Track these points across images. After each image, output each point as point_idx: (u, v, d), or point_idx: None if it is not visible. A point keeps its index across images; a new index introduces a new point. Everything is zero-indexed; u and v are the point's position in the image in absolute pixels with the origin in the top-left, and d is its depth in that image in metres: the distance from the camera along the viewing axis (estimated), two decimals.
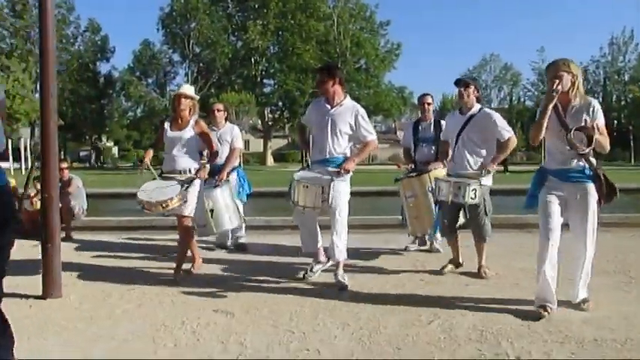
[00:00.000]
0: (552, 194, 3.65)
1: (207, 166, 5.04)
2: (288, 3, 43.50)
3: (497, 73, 61.60)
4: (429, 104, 5.92)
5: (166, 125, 4.97)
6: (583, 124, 3.49)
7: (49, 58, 4.34)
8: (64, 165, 7.63)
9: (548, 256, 3.56)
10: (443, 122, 5.58)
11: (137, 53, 49.45)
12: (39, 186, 6.74)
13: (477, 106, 4.77)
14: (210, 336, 3.33)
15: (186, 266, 4.94)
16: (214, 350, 3.11)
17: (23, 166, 29.77)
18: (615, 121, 50.79)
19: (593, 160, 3.60)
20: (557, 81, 3.48)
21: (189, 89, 5.03)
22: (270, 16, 44.16)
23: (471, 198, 4.42)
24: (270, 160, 48.90)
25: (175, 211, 4.64)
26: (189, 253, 4.99)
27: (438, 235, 5.63)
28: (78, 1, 51.65)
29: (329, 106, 4.61)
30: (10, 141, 33.66)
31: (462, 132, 4.73)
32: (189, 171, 4.78)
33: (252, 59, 46.23)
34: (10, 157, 29.81)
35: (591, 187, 3.57)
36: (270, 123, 49.86)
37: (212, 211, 5.03)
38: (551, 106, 3.50)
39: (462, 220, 4.93)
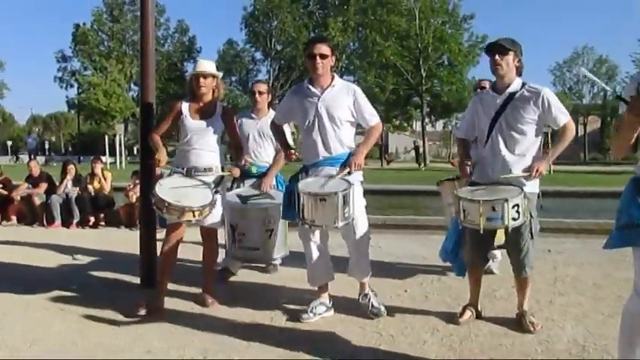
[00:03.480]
0: None
1: (240, 164, 3.95)
2: None
3: (591, 66, 57.85)
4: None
5: (184, 109, 3.94)
6: None
7: (148, 61, 4.58)
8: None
9: None
10: None
11: (221, 52, 51.20)
12: (137, 180, 7.19)
13: (517, 81, 3.39)
14: (300, 335, 3.37)
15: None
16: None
17: (118, 161, 31.68)
18: None
19: None
20: None
21: (209, 65, 3.98)
22: (351, 13, 44.15)
23: (513, 219, 3.14)
24: None
25: (199, 222, 3.75)
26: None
27: (497, 252, 4.36)
28: (168, 3, 54.14)
29: (318, 90, 3.61)
30: (106, 136, 36.05)
31: (498, 117, 3.37)
32: (215, 169, 3.88)
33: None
34: (107, 152, 31.81)
35: None
36: None
37: (271, 231, 3.85)
38: None
39: (500, 242, 3.59)
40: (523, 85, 3.38)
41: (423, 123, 42.08)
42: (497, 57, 3.32)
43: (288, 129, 4.83)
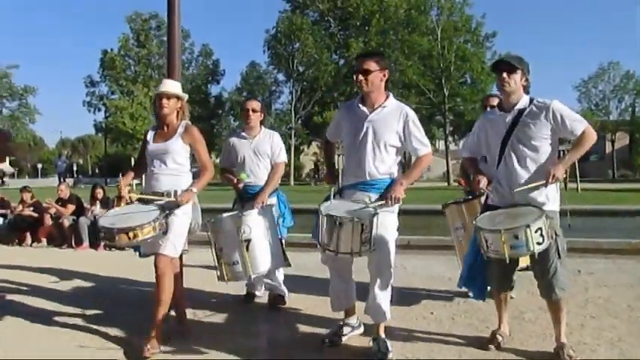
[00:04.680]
0: None
1: (194, 189, 3.66)
2: (390, 19, 43.58)
3: (618, 82, 56.89)
4: (493, 107, 4.19)
5: (149, 135, 3.79)
6: None
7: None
8: None
9: None
10: None
11: (244, 74, 51.98)
12: None
13: (525, 98, 3.28)
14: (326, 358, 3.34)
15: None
16: None
17: (144, 182, 32.12)
18: None
19: None
20: None
21: (173, 86, 3.78)
22: (372, 33, 44.48)
23: (538, 243, 2.98)
24: None
25: (153, 248, 3.52)
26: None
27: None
28: (193, 27, 55.19)
29: (367, 110, 3.41)
30: (132, 158, 36.72)
31: (509, 136, 3.26)
32: (176, 194, 3.63)
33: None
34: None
35: None
36: None
37: (248, 242, 3.57)
38: None
39: (522, 264, 3.40)
40: (531, 100, 3.27)
41: (447, 142, 41.90)
42: (504, 74, 3.22)
43: (282, 143, 4.55)
